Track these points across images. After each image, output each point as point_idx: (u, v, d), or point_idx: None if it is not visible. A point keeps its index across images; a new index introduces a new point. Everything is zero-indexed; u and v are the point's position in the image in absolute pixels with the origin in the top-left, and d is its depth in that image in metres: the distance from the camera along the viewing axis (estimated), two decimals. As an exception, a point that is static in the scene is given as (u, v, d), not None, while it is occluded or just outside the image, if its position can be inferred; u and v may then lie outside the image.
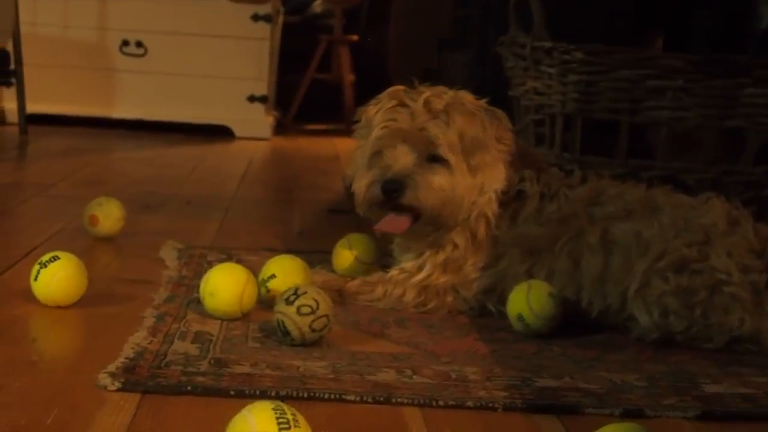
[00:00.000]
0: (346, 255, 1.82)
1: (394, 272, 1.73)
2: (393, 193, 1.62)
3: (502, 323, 1.67)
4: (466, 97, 1.69)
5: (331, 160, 3.86)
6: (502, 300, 1.67)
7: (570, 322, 1.65)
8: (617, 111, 2.49)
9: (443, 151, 1.60)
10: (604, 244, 1.64)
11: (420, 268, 1.71)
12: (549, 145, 2.67)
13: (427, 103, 1.64)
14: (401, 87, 1.69)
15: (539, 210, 1.69)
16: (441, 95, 1.66)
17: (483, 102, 1.70)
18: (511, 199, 1.70)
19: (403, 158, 1.63)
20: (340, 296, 1.69)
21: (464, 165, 1.62)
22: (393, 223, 1.66)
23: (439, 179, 1.62)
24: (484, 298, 1.71)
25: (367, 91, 1.90)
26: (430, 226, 1.67)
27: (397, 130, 1.64)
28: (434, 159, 1.62)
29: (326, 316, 1.46)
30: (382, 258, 1.84)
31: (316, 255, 1.99)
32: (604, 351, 1.56)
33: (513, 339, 1.60)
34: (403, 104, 1.66)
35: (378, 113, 1.67)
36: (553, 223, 1.67)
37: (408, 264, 1.73)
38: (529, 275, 1.67)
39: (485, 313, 1.73)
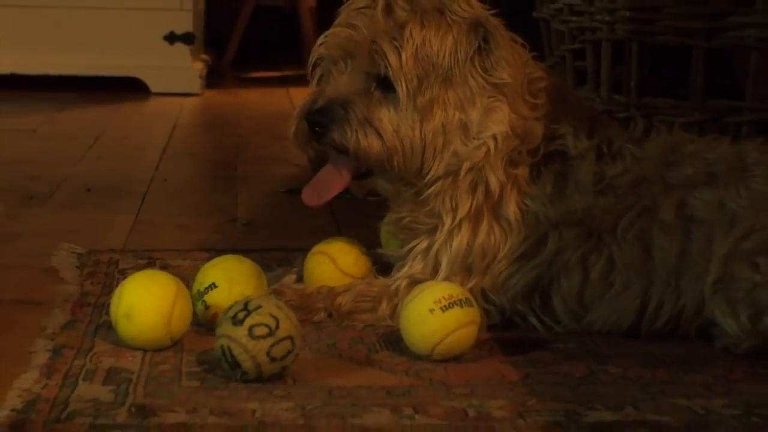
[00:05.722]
0: (325, 269, 1.81)
1: (400, 277, 1.75)
2: (316, 127, 1.69)
3: (538, 336, 1.69)
4: (458, 3, 1.70)
5: (288, 119, 3.84)
6: (548, 304, 1.71)
7: (631, 331, 1.68)
8: (689, 32, 2.48)
9: (393, 75, 1.66)
10: (681, 221, 1.68)
11: (435, 269, 1.72)
12: (593, 85, 2.66)
13: (389, 7, 1.69)
14: None
15: (598, 174, 1.72)
16: None
17: (483, 13, 1.71)
18: (543, 161, 1.73)
19: (344, 82, 1.69)
20: (329, 316, 1.73)
21: (421, 97, 1.66)
22: (319, 187, 1.72)
23: (382, 113, 1.67)
24: (524, 304, 1.73)
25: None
26: (389, 183, 1.72)
27: (345, 42, 1.70)
28: (386, 85, 1.68)
29: (290, 338, 1.48)
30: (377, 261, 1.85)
31: (272, 254, 1.99)
32: (679, 369, 1.57)
33: (554, 359, 1.61)
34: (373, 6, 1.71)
35: (339, 16, 1.74)
36: (621, 190, 1.71)
37: (417, 264, 1.74)
38: (583, 266, 1.70)
39: (513, 324, 1.75)
